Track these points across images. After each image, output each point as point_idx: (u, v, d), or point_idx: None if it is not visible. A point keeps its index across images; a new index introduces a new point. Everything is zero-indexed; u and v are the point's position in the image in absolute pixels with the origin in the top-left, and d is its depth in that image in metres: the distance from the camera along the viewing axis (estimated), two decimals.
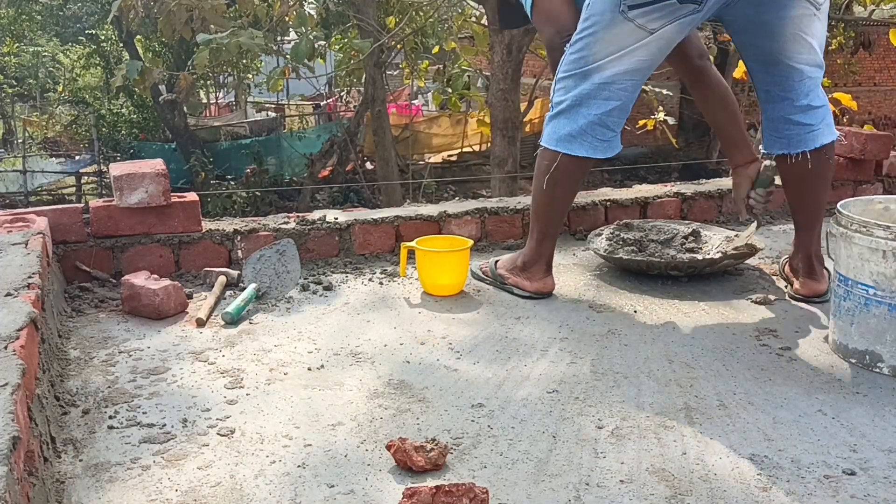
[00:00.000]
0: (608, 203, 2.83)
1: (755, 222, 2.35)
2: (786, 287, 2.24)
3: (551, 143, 2.05)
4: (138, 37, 14.47)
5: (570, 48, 2.02)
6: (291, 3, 6.32)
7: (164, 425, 1.47)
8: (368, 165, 12.91)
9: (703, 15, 1.95)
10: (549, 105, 2.10)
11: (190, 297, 2.15)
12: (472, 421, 1.49)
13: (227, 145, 15.38)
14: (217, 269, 2.29)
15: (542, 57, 9.73)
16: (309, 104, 18.56)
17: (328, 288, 2.25)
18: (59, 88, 19.49)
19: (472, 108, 12.78)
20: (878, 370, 1.70)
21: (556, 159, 2.05)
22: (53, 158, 17.35)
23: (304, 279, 2.32)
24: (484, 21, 6.65)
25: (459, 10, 8.34)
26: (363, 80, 10.27)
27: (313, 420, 1.49)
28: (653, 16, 1.89)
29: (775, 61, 2.00)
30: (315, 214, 2.56)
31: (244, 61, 13.78)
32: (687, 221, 2.68)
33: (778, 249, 2.67)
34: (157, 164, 2.30)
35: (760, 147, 2.20)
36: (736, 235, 2.45)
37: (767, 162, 2.21)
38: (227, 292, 2.21)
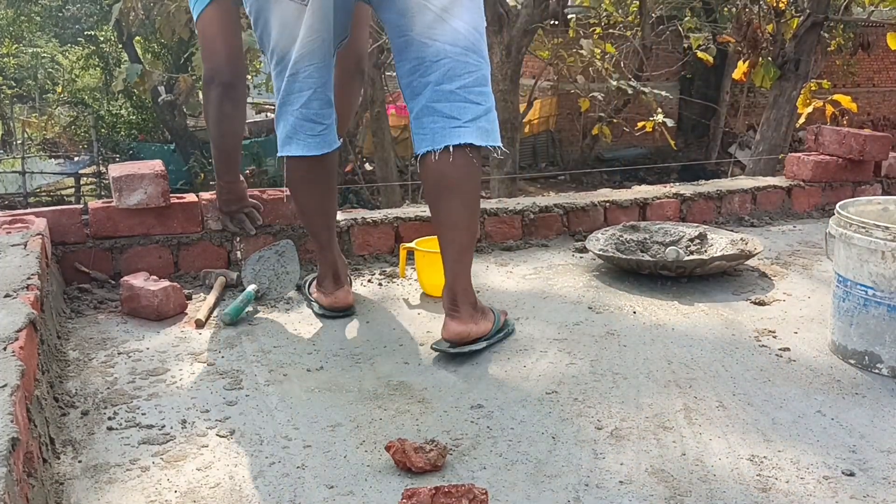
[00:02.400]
0: (607, 204, 2.84)
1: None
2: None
3: (279, 151, 1.98)
4: (137, 38, 14.47)
5: (264, 51, 1.95)
6: None
7: (164, 426, 1.47)
8: (367, 166, 12.92)
9: None
10: None
11: (189, 298, 2.15)
12: (472, 422, 1.49)
13: None
14: (216, 270, 2.29)
15: (541, 58, 9.75)
16: None
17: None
18: (58, 89, 19.47)
19: None
20: (877, 371, 1.70)
21: (284, 165, 1.99)
22: (52, 159, 17.34)
23: (303, 280, 2.32)
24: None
25: None
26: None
27: (312, 421, 1.49)
28: None
29: (407, 41, 1.75)
30: None
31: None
32: (695, 224, 2.68)
33: (778, 250, 2.67)
34: (157, 165, 2.29)
35: None
36: (742, 239, 2.45)
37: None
38: (227, 293, 2.21)
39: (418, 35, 1.73)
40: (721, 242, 2.47)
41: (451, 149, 1.72)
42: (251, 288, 2.13)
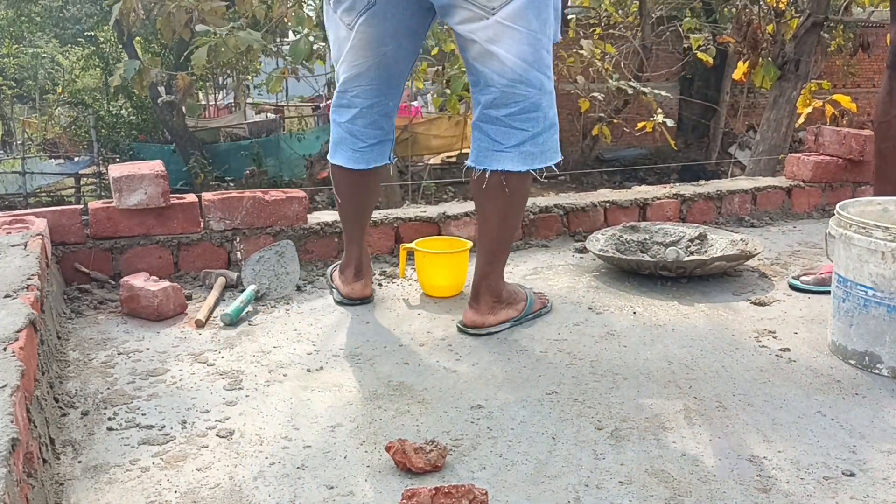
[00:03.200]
0: (607, 204, 2.84)
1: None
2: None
3: (329, 154, 2.08)
4: (137, 38, 14.48)
5: None
6: (290, 4, 6.31)
7: (164, 427, 1.47)
8: None
9: (380, 10, 1.81)
10: None
11: (189, 298, 2.15)
12: (472, 422, 1.49)
13: (226, 147, 15.39)
14: (216, 271, 2.29)
15: None
16: (308, 105, 18.57)
17: (327, 289, 2.25)
18: (59, 90, 19.48)
19: (471, 109, 12.78)
20: (877, 371, 1.70)
21: (331, 167, 2.07)
22: (52, 160, 17.35)
23: (303, 280, 2.32)
24: None
25: None
26: None
27: (312, 421, 1.49)
28: (345, 4, 1.84)
29: (467, 62, 1.82)
30: (314, 216, 2.56)
31: (243, 62, 13.77)
32: (695, 225, 2.68)
33: (778, 251, 2.67)
34: (157, 166, 2.30)
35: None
36: (742, 240, 2.45)
37: None
38: (227, 293, 2.21)
39: (472, 60, 1.78)
40: (721, 243, 2.47)
41: (487, 173, 1.81)
42: (251, 288, 2.13)
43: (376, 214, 2.59)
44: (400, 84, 1.96)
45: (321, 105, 18.12)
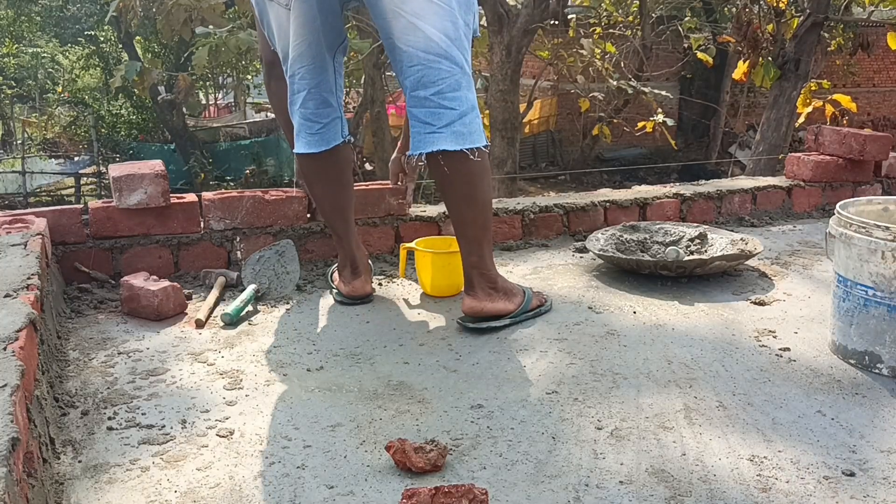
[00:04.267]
0: (607, 204, 2.84)
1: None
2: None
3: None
4: (138, 38, 14.47)
5: None
6: None
7: (164, 426, 1.47)
8: (368, 166, 12.92)
9: None
10: None
11: (189, 298, 2.15)
12: (472, 422, 1.49)
13: (226, 146, 15.40)
14: (216, 270, 2.29)
15: (541, 58, 9.74)
16: None
17: (327, 289, 2.25)
18: (59, 89, 19.49)
19: None
20: (877, 371, 1.70)
21: (296, 163, 2.17)
22: (52, 159, 17.35)
23: (303, 280, 2.32)
24: (483, 22, 6.65)
25: None
26: (362, 81, 10.27)
27: (312, 421, 1.49)
28: None
29: (390, 45, 1.84)
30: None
31: (243, 62, 13.78)
32: (695, 224, 2.67)
33: (778, 250, 2.67)
34: (157, 165, 2.30)
35: None
36: (742, 239, 2.45)
37: None
38: (227, 293, 2.21)
39: (397, 39, 1.81)
40: (721, 242, 2.47)
41: (423, 156, 1.84)
42: (251, 288, 2.13)
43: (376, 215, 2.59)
44: (332, 61, 2.00)
45: None
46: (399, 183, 2.48)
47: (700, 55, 8.06)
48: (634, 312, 2.08)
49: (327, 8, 1.92)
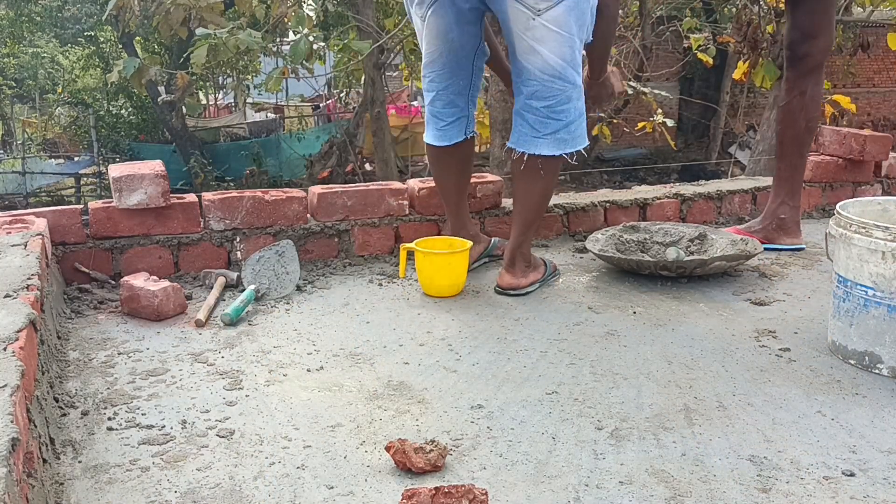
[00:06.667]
0: (607, 204, 2.84)
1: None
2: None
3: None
4: (137, 38, 14.47)
5: None
6: (290, 4, 6.31)
7: (164, 427, 1.47)
8: (368, 167, 12.91)
9: (442, 3, 2.10)
10: None
11: (189, 298, 2.15)
12: (472, 422, 1.49)
13: (226, 146, 15.39)
14: (216, 271, 2.29)
15: None
16: (308, 105, 18.57)
17: (327, 289, 2.25)
18: (59, 90, 19.48)
19: None
20: (877, 371, 1.70)
21: (425, 145, 2.39)
22: (52, 160, 17.34)
23: (303, 280, 2.32)
24: None
25: None
26: (362, 82, 10.27)
27: (312, 421, 1.49)
28: (416, 0, 2.16)
29: (514, 57, 2.10)
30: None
31: (243, 62, 13.78)
32: (695, 224, 2.67)
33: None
34: (157, 166, 2.29)
35: None
36: (742, 239, 2.45)
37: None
38: (227, 293, 2.21)
39: (519, 56, 2.07)
40: (721, 243, 2.47)
41: (525, 156, 2.12)
42: (251, 288, 2.13)
43: (376, 215, 2.58)
44: (468, 66, 2.25)
45: (321, 105, 18.13)
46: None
47: (700, 55, 8.06)
48: (634, 312, 2.08)
49: (465, 19, 2.15)
